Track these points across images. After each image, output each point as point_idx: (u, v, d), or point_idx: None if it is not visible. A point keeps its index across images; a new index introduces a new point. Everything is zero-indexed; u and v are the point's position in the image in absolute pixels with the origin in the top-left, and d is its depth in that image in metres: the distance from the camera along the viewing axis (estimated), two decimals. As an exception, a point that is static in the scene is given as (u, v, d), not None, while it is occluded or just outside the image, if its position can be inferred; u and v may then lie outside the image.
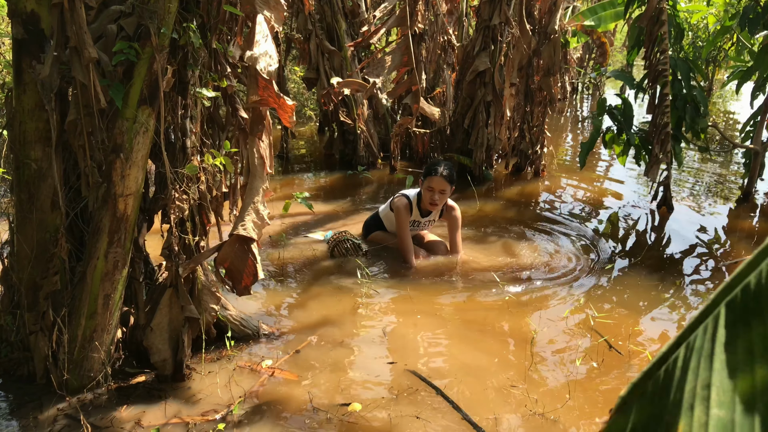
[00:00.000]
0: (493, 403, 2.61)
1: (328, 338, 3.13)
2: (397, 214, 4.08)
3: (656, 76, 5.01)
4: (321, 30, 6.43)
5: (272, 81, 2.56)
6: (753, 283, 0.66)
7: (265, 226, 2.68)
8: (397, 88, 5.60)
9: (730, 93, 13.32)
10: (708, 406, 0.64)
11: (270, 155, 2.75)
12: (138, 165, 2.48)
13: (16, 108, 2.42)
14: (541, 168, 6.49)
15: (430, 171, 4.00)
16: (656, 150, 5.08)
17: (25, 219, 2.52)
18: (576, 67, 12.24)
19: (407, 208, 4.09)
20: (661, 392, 0.70)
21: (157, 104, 2.47)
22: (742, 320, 0.65)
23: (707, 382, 0.66)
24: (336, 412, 2.52)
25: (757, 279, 0.65)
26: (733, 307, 0.67)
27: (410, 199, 4.12)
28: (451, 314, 3.45)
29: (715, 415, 0.63)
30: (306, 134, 8.47)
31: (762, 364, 0.63)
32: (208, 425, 2.42)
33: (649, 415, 0.71)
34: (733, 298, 0.67)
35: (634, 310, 3.53)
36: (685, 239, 4.80)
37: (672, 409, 0.68)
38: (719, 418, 0.63)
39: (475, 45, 5.97)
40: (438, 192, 3.98)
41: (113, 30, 2.43)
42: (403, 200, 4.10)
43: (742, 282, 0.67)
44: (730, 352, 0.65)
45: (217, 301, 2.84)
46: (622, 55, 16.68)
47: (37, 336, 2.55)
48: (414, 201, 4.14)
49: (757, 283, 0.65)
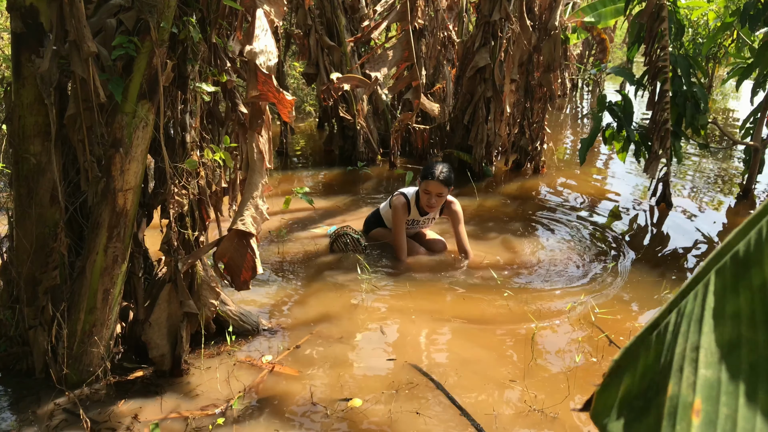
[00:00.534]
0: (493, 399, 2.61)
1: (328, 334, 3.13)
2: (394, 213, 4.07)
3: (656, 72, 5.00)
4: (321, 25, 6.42)
5: (272, 76, 2.55)
6: (741, 251, 0.68)
7: (264, 221, 2.67)
8: (398, 83, 5.59)
9: (730, 90, 13.32)
10: (696, 367, 0.67)
11: (269, 150, 2.75)
12: (137, 160, 2.47)
13: (15, 102, 2.41)
14: (541, 164, 6.49)
15: (427, 174, 3.96)
16: (656, 146, 5.08)
17: (24, 213, 2.51)
18: (576, 63, 12.23)
19: (405, 207, 4.08)
20: (653, 355, 0.73)
21: (157, 99, 2.47)
22: (730, 286, 0.68)
23: (696, 344, 0.68)
24: (336, 407, 2.52)
25: (745, 247, 0.68)
26: (723, 274, 0.69)
27: (408, 198, 4.11)
28: (451, 310, 3.45)
29: (703, 375, 0.66)
30: (305, 130, 8.46)
31: (748, 327, 0.65)
32: (207, 420, 2.42)
33: (641, 377, 0.74)
34: (722, 266, 0.70)
35: (634, 306, 3.53)
36: (685, 235, 4.80)
37: (663, 370, 0.71)
38: (706, 378, 0.66)
39: (475, 41, 5.96)
40: (435, 195, 3.97)
41: (112, 24, 2.42)
42: (401, 199, 4.08)
43: (731, 250, 0.69)
44: (719, 317, 0.68)
45: (216, 296, 2.84)
46: (622, 52, 16.68)
47: (36, 331, 2.55)
48: (412, 200, 4.13)
49: (746, 251, 0.68)
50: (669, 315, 0.74)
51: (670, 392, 0.68)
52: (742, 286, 0.67)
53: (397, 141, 6.25)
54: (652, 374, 0.72)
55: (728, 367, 0.65)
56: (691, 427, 0.65)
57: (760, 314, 0.65)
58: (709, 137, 8.12)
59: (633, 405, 0.74)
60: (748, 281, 0.67)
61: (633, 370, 0.75)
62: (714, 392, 0.65)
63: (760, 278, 0.66)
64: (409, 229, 4.27)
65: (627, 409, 0.74)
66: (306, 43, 6.49)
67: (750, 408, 0.63)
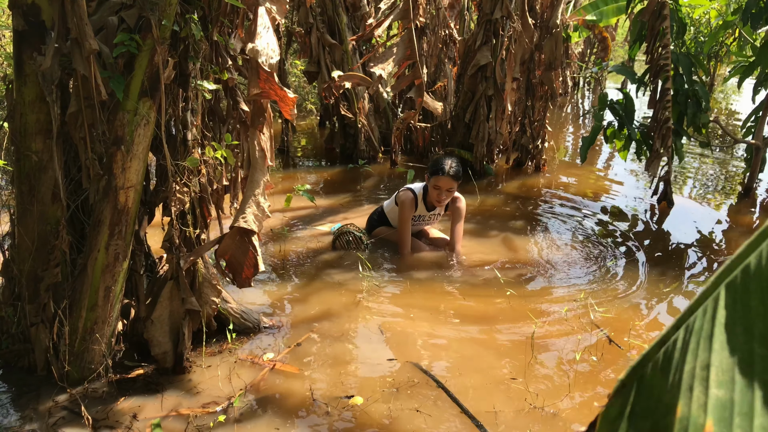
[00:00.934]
0: (494, 396, 2.61)
1: (329, 332, 3.13)
2: (401, 208, 4.07)
3: (658, 70, 5.00)
4: (322, 23, 6.41)
5: (273, 73, 2.55)
6: (753, 264, 0.66)
7: (265, 218, 2.68)
8: (400, 81, 5.58)
9: (732, 88, 13.30)
10: (707, 386, 0.64)
11: (271, 148, 2.75)
12: (139, 157, 2.48)
13: (17, 100, 2.42)
14: (543, 163, 6.48)
15: (437, 170, 3.92)
16: (657, 145, 5.08)
17: (26, 211, 2.51)
18: (577, 61, 12.21)
19: (412, 203, 4.07)
20: (661, 374, 0.70)
21: (158, 96, 2.47)
22: (741, 301, 0.65)
23: (706, 362, 0.65)
24: (337, 405, 2.52)
25: (757, 260, 0.65)
26: (733, 288, 0.66)
27: (416, 193, 4.11)
28: (452, 308, 3.45)
29: (714, 395, 0.63)
30: (307, 128, 8.46)
31: (761, 344, 0.63)
32: (208, 418, 2.43)
33: (648, 396, 0.71)
34: (732, 280, 0.67)
35: (634, 305, 3.53)
36: (685, 234, 4.80)
37: (671, 390, 0.68)
38: (718, 398, 0.63)
39: (477, 39, 5.95)
40: (445, 191, 3.95)
41: (114, 22, 2.42)
42: (409, 195, 4.08)
43: (742, 263, 0.67)
44: (730, 333, 0.65)
45: (217, 294, 2.84)
46: (624, 50, 16.65)
47: (37, 328, 2.55)
48: (420, 195, 4.12)
49: (757, 264, 0.65)
50: (677, 331, 0.71)
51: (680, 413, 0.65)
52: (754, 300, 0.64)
53: (399, 139, 6.25)
54: (660, 393, 0.70)
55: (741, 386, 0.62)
56: None
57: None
58: (710, 136, 8.11)
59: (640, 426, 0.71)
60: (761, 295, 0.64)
61: (639, 389, 0.73)
62: (727, 413, 0.62)
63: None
64: (415, 225, 4.27)
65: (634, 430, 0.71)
66: (307, 41, 6.49)
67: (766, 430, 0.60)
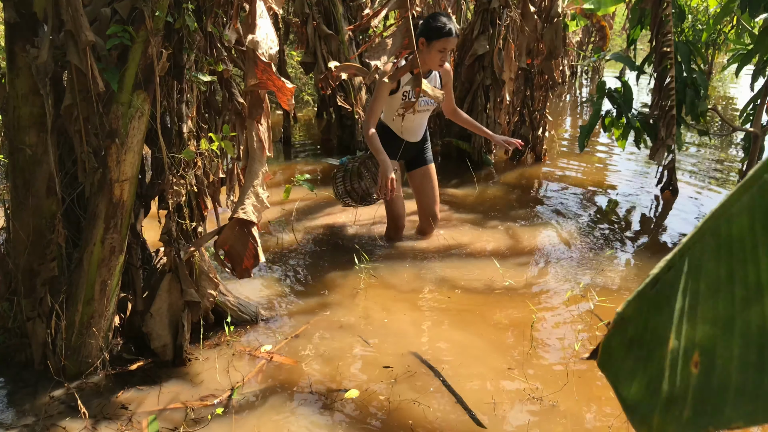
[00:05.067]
0: (492, 387, 2.61)
1: (326, 323, 3.13)
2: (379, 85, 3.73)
3: (661, 58, 4.97)
4: (318, 14, 6.37)
5: (271, 64, 2.53)
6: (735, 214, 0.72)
7: (264, 209, 2.67)
8: (398, 71, 5.55)
9: (730, 76, 13.26)
10: (695, 323, 0.73)
11: (269, 138, 2.74)
12: (134, 150, 2.46)
13: (10, 93, 2.40)
14: (543, 153, 6.45)
15: (441, 33, 3.53)
16: (662, 133, 5.05)
17: (20, 205, 2.50)
18: (576, 49, 12.17)
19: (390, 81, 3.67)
20: (654, 310, 0.79)
21: (153, 89, 2.45)
22: (725, 246, 0.72)
23: (694, 301, 0.74)
24: (335, 396, 2.52)
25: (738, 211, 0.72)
26: (718, 235, 0.73)
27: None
28: (450, 299, 3.45)
29: (701, 330, 0.72)
30: (303, 119, 8.43)
31: (741, 287, 0.70)
32: (206, 410, 2.42)
33: (643, 329, 0.80)
34: (715, 228, 0.73)
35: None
36: (686, 223, 4.79)
37: (664, 324, 0.77)
38: (704, 333, 0.72)
39: (474, 28, 5.92)
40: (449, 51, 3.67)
41: (107, 14, 2.40)
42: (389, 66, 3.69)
43: (725, 212, 0.73)
44: (714, 276, 0.72)
45: (215, 286, 2.83)
46: (622, 39, 16.58)
47: (34, 322, 2.55)
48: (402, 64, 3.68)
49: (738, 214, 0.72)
50: (668, 272, 0.78)
51: (672, 345, 0.75)
52: (736, 246, 0.71)
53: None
54: (653, 326, 0.78)
55: (723, 323, 0.70)
56: (690, 377, 0.72)
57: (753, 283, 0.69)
58: (708, 124, 8.09)
59: (637, 354, 0.80)
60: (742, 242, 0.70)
61: (636, 321, 0.81)
62: (711, 345, 0.71)
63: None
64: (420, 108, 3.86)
65: (632, 358, 0.80)
66: (303, 32, 6.44)
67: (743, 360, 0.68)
